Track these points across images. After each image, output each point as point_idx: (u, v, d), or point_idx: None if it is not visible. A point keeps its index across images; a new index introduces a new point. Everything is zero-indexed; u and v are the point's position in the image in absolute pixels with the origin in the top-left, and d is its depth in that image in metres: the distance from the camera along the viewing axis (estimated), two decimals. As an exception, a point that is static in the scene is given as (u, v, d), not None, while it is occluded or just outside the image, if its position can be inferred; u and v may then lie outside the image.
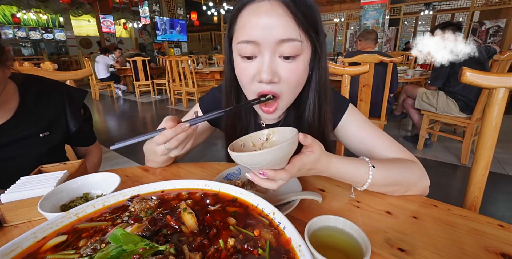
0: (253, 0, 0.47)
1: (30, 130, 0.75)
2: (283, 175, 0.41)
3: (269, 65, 0.48)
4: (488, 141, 0.67)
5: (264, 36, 0.46)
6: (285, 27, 0.45)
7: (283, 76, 0.50)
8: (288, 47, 0.47)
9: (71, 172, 0.59)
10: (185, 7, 8.34)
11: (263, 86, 0.50)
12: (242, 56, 0.50)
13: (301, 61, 0.50)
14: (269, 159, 0.39)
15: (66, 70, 1.38)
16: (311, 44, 0.51)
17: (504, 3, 6.13)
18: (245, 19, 0.47)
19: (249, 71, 0.50)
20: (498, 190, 1.82)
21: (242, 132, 0.68)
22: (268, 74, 0.48)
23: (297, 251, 0.32)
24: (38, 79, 0.82)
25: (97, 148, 1.00)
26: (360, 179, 0.51)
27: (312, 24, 0.48)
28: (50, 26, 11.14)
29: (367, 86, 2.01)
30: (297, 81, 0.52)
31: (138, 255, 0.31)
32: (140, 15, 8.00)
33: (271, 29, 0.45)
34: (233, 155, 0.40)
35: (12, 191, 0.50)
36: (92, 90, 5.91)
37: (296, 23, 0.46)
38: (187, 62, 4.03)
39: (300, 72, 0.51)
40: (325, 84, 0.58)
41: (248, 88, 0.54)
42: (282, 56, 0.48)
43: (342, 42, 9.29)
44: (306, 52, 0.50)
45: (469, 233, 0.43)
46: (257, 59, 0.49)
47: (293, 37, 0.46)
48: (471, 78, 0.64)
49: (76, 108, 0.85)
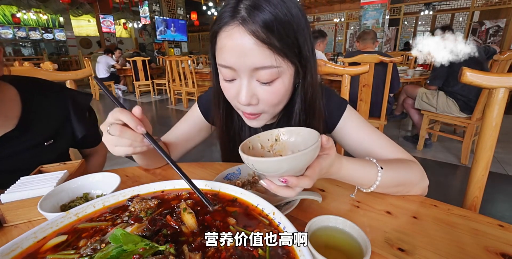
0: (228, 24, 0.45)
1: (34, 140, 0.71)
2: (306, 182, 0.38)
3: (247, 89, 0.48)
4: (488, 141, 0.67)
5: (239, 63, 0.45)
6: (257, 55, 0.44)
7: (262, 99, 0.50)
8: (263, 74, 0.46)
9: (71, 172, 0.59)
10: (185, 7, 8.35)
11: (243, 106, 0.51)
12: (223, 78, 0.51)
13: (280, 83, 0.49)
14: (290, 166, 0.35)
15: (66, 70, 1.38)
16: (292, 65, 0.49)
17: (504, 3, 6.14)
18: (222, 42, 0.46)
19: (230, 91, 0.51)
20: (498, 190, 1.82)
21: (235, 133, 0.68)
22: (246, 98, 0.48)
23: (297, 251, 0.32)
24: (39, 83, 0.78)
25: (102, 148, 0.97)
26: (369, 181, 0.50)
27: (292, 46, 0.46)
28: (50, 26, 11.14)
29: (367, 86, 2.01)
30: (278, 100, 0.51)
31: (138, 255, 0.31)
32: (140, 15, 8.00)
33: (244, 57, 0.44)
34: (248, 159, 0.36)
35: (12, 191, 0.50)
36: (92, 90, 5.91)
37: (271, 50, 0.44)
38: (187, 62, 4.03)
39: (281, 93, 0.50)
40: (313, 96, 0.56)
41: (233, 103, 0.55)
42: (259, 81, 0.48)
43: (342, 42, 9.29)
44: (285, 74, 0.49)
45: (469, 233, 0.43)
46: (237, 81, 0.50)
47: (267, 64, 0.45)
48: (471, 78, 0.64)
49: (81, 113, 0.81)
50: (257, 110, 0.52)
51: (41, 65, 1.19)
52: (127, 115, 0.42)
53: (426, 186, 0.57)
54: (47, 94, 0.76)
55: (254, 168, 0.37)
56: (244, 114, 0.55)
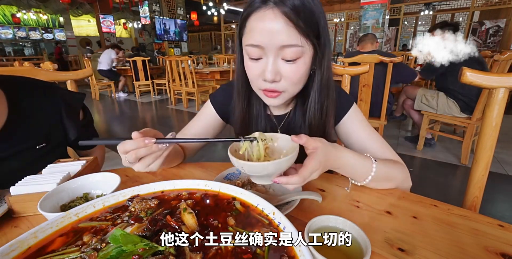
0: (260, 8, 0.50)
1: (23, 144, 0.67)
2: (295, 179, 0.42)
3: (272, 66, 0.52)
4: (488, 141, 0.67)
5: (268, 42, 0.50)
6: (286, 34, 0.49)
7: (285, 76, 0.54)
8: (289, 51, 0.51)
9: (84, 167, 0.61)
10: (185, 7, 8.35)
11: (267, 84, 0.55)
12: (249, 57, 0.55)
13: (302, 63, 0.53)
14: (275, 169, 0.42)
15: (66, 70, 1.37)
16: (312, 47, 0.54)
17: (504, 3, 6.13)
18: (253, 25, 0.51)
19: (255, 70, 0.55)
20: (498, 190, 1.82)
21: (252, 124, 0.71)
22: (271, 74, 0.53)
23: (297, 251, 0.32)
24: (28, 83, 0.73)
25: (100, 149, 0.95)
26: (364, 173, 0.53)
27: (313, 29, 0.52)
28: (50, 26, 11.16)
29: (367, 86, 2.01)
30: (298, 79, 0.56)
31: (138, 255, 0.31)
32: (140, 15, 8.00)
33: (274, 35, 0.49)
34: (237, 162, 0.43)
35: (22, 184, 0.52)
36: (92, 90, 5.91)
37: (297, 30, 0.49)
38: (187, 62, 4.03)
39: (301, 72, 0.55)
40: (328, 82, 0.61)
41: (255, 83, 0.59)
42: (284, 59, 0.52)
43: (342, 42, 9.29)
44: (307, 54, 0.53)
45: (469, 233, 0.43)
46: (263, 60, 0.54)
47: (293, 43, 0.50)
48: (471, 78, 0.64)
49: (73, 114, 0.77)
50: (278, 87, 0.56)
51: (41, 65, 1.19)
52: (128, 143, 0.45)
53: (409, 187, 0.62)
54: (37, 96, 0.72)
55: (243, 170, 0.43)
56: (265, 93, 0.58)
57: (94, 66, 5.82)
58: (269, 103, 0.62)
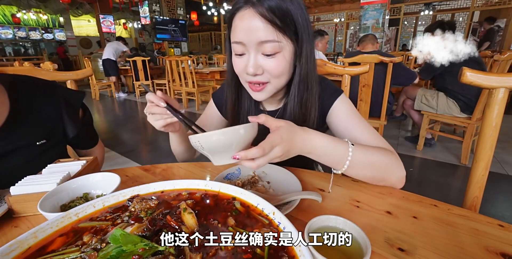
0: (241, 8, 0.55)
1: (24, 140, 0.69)
2: (254, 151, 0.41)
3: (253, 61, 0.57)
4: (488, 141, 0.67)
5: (247, 38, 0.55)
6: (263, 31, 0.54)
7: (266, 69, 0.58)
8: (268, 47, 0.55)
9: (83, 167, 0.61)
10: (185, 7, 8.34)
11: (250, 77, 0.60)
12: (235, 53, 0.60)
13: (281, 57, 0.57)
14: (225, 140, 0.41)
15: (70, 70, 1.37)
16: (291, 42, 0.58)
17: (504, 3, 6.13)
18: (235, 24, 0.57)
19: (240, 65, 0.60)
20: (498, 190, 1.81)
21: (244, 118, 0.74)
22: (252, 68, 0.57)
23: (297, 251, 0.32)
24: (29, 81, 0.75)
25: (99, 149, 0.95)
26: (340, 157, 0.51)
27: (291, 26, 0.56)
28: (50, 26, 11.15)
29: (367, 86, 2.01)
30: (279, 72, 0.59)
31: (138, 255, 0.31)
32: (140, 15, 8.00)
33: (252, 33, 0.54)
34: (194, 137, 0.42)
35: (21, 184, 0.52)
36: (92, 90, 5.91)
37: (273, 27, 0.54)
38: (187, 62, 4.03)
39: (281, 65, 0.58)
40: (307, 76, 0.63)
41: (242, 77, 0.64)
42: (264, 54, 0.56)
43: (342, 42, 9.30)
44: (286, 49, 0.57)
45: (469, 233, 0.43)
46: (246, 55, 0.59)
47: (270, 38, 0.54)
48: (471, 78, 0.64)
49: (73, 112, 0.79)
50: (262, 79, 0.60)
51: (41, 65, 1.19)
52: (152, 96, 0.53)
53: (403, 177, 0.58)
54: (38, 93, 0.74)
55: (201, 146, 0.42)
56: (250, 87, 0.62)
57: (94, 66, 5.81)
58: (255, 97, 0.65)
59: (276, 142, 0.43)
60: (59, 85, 0.80)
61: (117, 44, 5.89)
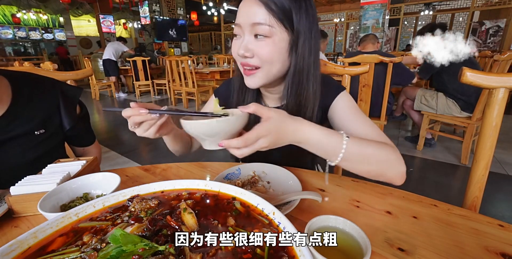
0: None
1: (23, 128, 0.73)
2: (235, 142, 0.43)
3: (245, 43, 0.59)
4: (488, 141, 0.67)
5: (243, 20, 0.59)
6: (257, 14, 0.56)
7: (255, 52, 0.59)
8: (259, 29, 0.57)
9: (84, 167, 0.61)
10: (185, 7, 8.33)
11: (242, 59, 0.61)
12: (234, 34, 0.63)
13: (271, 42, 0.58)
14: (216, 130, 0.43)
15: (72, 70, 1.37)
16: (286, 30, 0.58)
17: (504, 3, 6.13)
18: (239, 9, 0.61)
19: (234, 47, 0.63)
20: (498, 190, 1.81)
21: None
22: (242, 50, 0.59)
23: (297, 251, 0.32)
24: (31, 76, 0.80)
25: (96, 148, 0.97)
26: (333, 148, 0.49)
27: (286, 14, 0.57)
28: (50, 26, 11.14)
29: (367, 86, 2.01)
30: (268, 56, 0.59)
31: (138, 255, 0.31)
32: (140, 15, 7.99)
33: (248, 15, 0.58)
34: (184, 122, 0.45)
35: (21, 184, 0.52)
36: (92, 90, 5.91)
37: (268, 11, 0.56)
38: (187, 62, 4.03)
39: (270, 50, 0.59)
40: (302, 70, 0.63)
41: (237, 59, 0.65)
42: (256, 35, 0.58)
43: (342, 42, 9.29)
44: (277, 35, 0.58)
45: (469, 233, 0.43)
46: (241, 37, 0.61)
47: (262, 21, 0.56)
48: (471, 78, 0.64)
49: (71, 106, 0.83)
50: (253, 62, 0.61)
51: (41, 65, 1.19)
52: (128, 110, 0.51)
53: (403, 172, 0.55)
54: (38, 86, 0.79)
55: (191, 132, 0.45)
56: (244, 71, 0.64)
57: (94, 66, 5.81)
58: (248, 83, 0.65)
59: (262, 134, 0.44)
60: (58, 81, 0.85)
61: (117, 44, 5.90)
